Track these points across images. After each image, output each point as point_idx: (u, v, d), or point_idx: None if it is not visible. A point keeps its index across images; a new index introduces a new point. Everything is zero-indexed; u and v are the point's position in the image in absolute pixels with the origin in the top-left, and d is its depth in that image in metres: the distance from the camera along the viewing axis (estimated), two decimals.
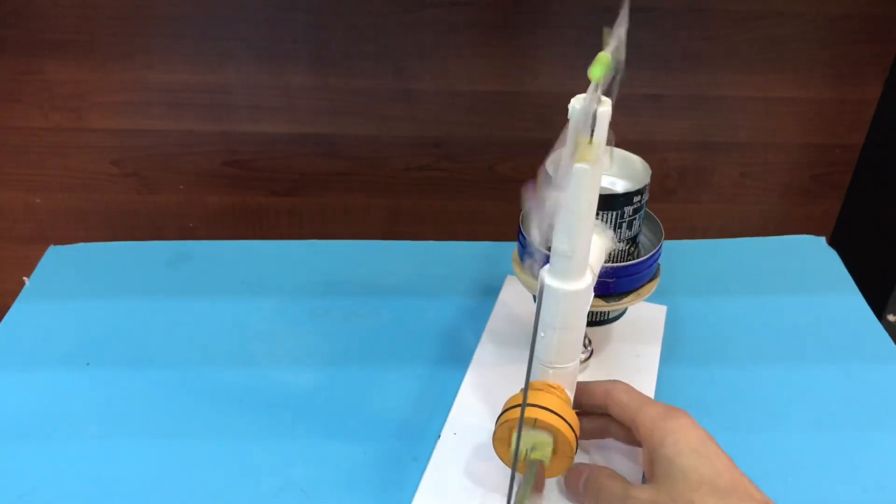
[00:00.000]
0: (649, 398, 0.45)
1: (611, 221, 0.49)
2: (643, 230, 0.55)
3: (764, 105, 0.88)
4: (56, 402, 0.55)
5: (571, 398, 0.46)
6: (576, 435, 0.43)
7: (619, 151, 0.52)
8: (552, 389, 0.44)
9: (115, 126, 0.88)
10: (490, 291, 0.66)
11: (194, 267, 0.70)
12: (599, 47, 0.35)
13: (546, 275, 0.42)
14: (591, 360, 0.58)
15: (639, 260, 0.51)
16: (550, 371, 0.45)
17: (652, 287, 0.53)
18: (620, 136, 0.46)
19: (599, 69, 0.34)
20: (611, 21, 0.35)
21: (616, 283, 0.51)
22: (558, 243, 0.41)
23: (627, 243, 0.52)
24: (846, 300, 0.66)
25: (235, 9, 0.81)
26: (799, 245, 0.73)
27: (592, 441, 0.50)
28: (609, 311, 0.55)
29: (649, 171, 0.51)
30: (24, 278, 0.67)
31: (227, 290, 0.67)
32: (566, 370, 0.45)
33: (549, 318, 0.43)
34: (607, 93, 0.37)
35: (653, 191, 0.51)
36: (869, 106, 0.88)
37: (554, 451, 0.43)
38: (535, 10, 0.81)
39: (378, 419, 0.54)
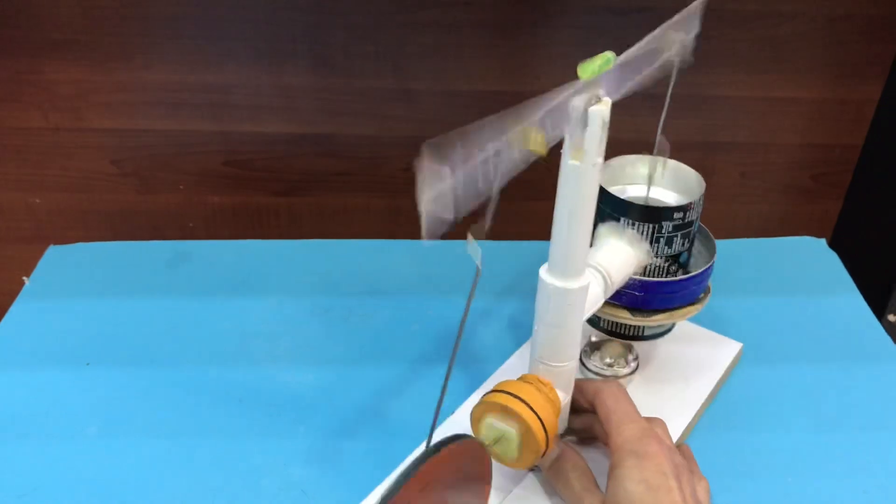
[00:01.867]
0: (634, 412, 0.44)
1: (647, 234, 0.48)
2: (698, 249, 0.51)
3: (764, 105, 0.88)
4: (56, 402, 0.55)
5: (565, 399, 0.46)
6: (546, 434, 0.42)
7: (673, 163, 0.51)
8: (541, 385, 0.44)
9: (115, 126, 0.88)
10: (490, 290, 0.66)
11: (194, 267, 0.70)
12: (600, 47, 0.34)
13: (543, 269, 0.42)
14: (636, 375, 0.54)
15: (673, 279, 0.48)
16: (541, 366, 0.44)
17: (692, 310, 0.50)
18: (620, 136, 0.46)
19: (590, 68, 0.34)
20: (610, 21, 0.35)
21: (645, 298, 0.49)
22: (554, 240, 0.41)
23: (667, 260, 0.49)
24: (846, 301, 0.66)
25: (235, 9, 0.81)
26: (799, 246, 0.73)
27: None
28: (642, 327, 0.52)
29: (703, 188, 0.48)
30: (24, 278, 0.67)
31: (227, 290, 0.67)
32: (559, 369, 0.44)
33: (541, 313, 0.43)
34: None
35: None
36: (869, 106, 0.88)
37: (523, 445, 0.43)
38: (536, 10, 0.80)
39: (378, 419, 0.54)
